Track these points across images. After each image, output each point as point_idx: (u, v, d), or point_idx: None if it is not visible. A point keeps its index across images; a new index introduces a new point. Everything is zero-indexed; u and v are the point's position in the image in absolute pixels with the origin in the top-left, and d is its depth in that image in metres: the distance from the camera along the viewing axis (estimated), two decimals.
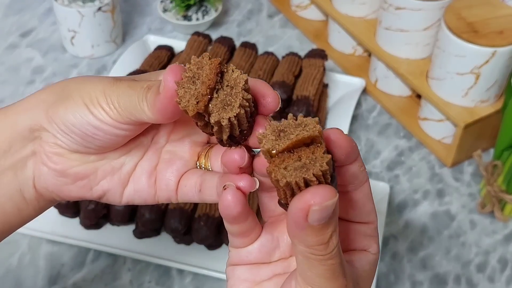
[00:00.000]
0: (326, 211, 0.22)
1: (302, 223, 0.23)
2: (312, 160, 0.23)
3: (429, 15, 0.66)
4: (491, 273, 0.58)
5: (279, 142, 0.24)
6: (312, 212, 0.22)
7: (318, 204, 0.22)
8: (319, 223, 0.23)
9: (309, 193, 0.22)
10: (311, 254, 0.24)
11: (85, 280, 0.55)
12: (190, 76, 0.26)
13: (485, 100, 0.64)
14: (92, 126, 0.29)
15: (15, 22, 0.83)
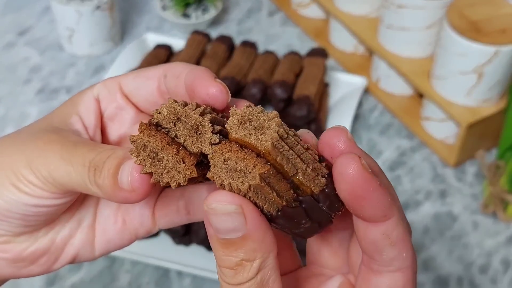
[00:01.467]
0: (220, 219, 0.19)
1: (207, 226, 0.20)
2: (245, 173, 0.20)
3: (432, 13, 0.65)
4: (494, 274, 0.57)
5: (237, 129, 0.20)
6: (206, 214, 0.20)
7: (206, 204, 0.19)
8: (220, 234, 0.20)
9: (211, 195, 0.20)
10: (219, 277, 0.21)
11: (83, 281, 0.55)
12: (146, 153, 0.21)
13: (488, 99, 0.63)
14: (31, 206, 0.24)
15: (12, 20, 0.82)
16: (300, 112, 0.63)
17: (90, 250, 0.28)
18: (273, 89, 0.64)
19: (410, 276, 0.19)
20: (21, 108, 0.71)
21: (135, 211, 0.27)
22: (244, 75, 0.68)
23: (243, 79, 0.68)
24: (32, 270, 0.27)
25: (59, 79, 0.75)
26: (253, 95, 0.65)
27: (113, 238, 0.28)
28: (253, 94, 0.65)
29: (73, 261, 0.28)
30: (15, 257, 0.26)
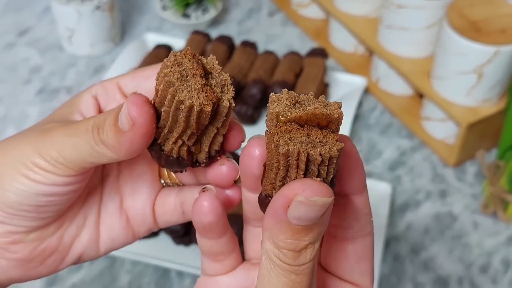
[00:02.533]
0: (311, 210, 0.19)
1: (280, 213, 0.19)
2: (322, 142, 0.20)
3: (432, 13, 0.65)
4: (494, 274, 0.57)
5: (292, 109, 0.21)
6: (295, 203, 0.19)
7: (304, 196, 0.19)
8: (298, 222, 0.19)
9: (299, 182, 0.19)
10: (277, 258, 0.20)
11: (84, 282, 0.55)
12: (178, 74, 0.22)
13: (488, 99, 0.63)
14: (43, 195, 0.24)
15: (13, 21, 0.82)
16: None
17: (96, 248, 0.28)
18: (273, 89, 0.64)
19: (373, 237, 0.23)
20: (22, 108, 0.71)
21: (137, 207, 0.27)
22: (244, 75, 0.68)
23: (243, 79, 0.68)
24: (40, 271, 0.27)
25: (59, 79, 0.75)
26: (253, 95, 0.65)
27: (117, 235, 0.28)
28: (253, 94, 0.65)
29: (78, 260, 0.28)
30: (25, 257, 0.26)
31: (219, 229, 0.24)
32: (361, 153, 0.67)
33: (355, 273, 0.23)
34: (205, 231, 0.24)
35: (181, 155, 0.24)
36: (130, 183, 0.28)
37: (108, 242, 0.28)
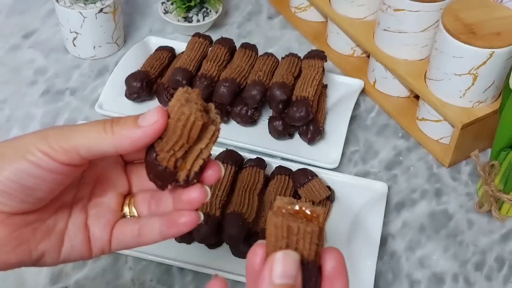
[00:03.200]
0: (288, 264, 0.24)
1: (267, 278, 0.24)
2: (309, 220, 0.26)
3: (427, 16, 0.66)
4: (489, 272, 0.59)
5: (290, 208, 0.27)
6: (276, 261, 0.24)
7: (282, 252, 0.24)
8: (281, 281, 0.24)
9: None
10: None
11: (87, 278, 0.56)
12: (185, 99, 0.28)
13: (483, 100, 0.65)
14: (33, 177, 0.29)
15: (17, 23, 0.84)
16: (299, 113, 0.65)
17: (57, 255, 0.32)
18: (273, 91, 0.66)
19: None
20: (26, 109, 0.72)
21: (99, 226, 0.32)
22: (244, 77, 0.69)
23: (243, 81, 0.69)
24: (9, 258, 0.31)
25: (63, 81, 0.76)
26: (253, 96, 0.66)
27: (77, 247, 0.32)
28: (253, 95, 0.66)
29: (40, 258, 0.32)
30: (1, 238, 0.30)
31: None
32: (358, 153, 0.69)
33: None
34: None
35: (169, 166, 0.28)
36: (97, 208, 0.33)
37: (68, 251, 0.32)
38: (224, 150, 0.63)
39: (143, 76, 0.70)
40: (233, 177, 0.60)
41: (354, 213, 0.61)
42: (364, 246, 0.57)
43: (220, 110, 0.69)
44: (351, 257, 0.57)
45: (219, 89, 0.67)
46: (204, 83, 0.68)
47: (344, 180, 0.63)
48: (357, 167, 0.67)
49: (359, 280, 0.55)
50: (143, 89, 0.70)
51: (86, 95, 0.74)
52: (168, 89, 0.70)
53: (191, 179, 0.29)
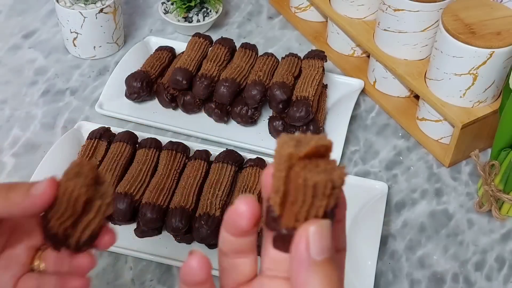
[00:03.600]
0: (324, 237, 0.22)
1: (305, 256, 0.22)
2: (330, 169, 0.23)
3: (427, 16, 0.66)
4: (489, 271, 0.59)
5: (300, 148, 0.24)
6: (312, 237, 0.22)
7: (314, 225, 0.22)
8: (320, 255, 0.22)
9: (305, 223, 0.23)
10: None
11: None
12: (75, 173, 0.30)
13: (483, 100, 0.65)
14: None
15: (18, 23, 0.84)
16: (299, 113, 0.65)
17: None
18: (273, 91, 0.66)
19: (345, 252, 0.27)
20: (27, 109, 0.72)
21: (4, 278, 0.33)
22: (244, 77, 0.69)
23: (243, 81, 0.69)
24: None
25: (64, 81, 0.76)
26: (253, 96, 0.67)
27: None
28: (253, 95, 0.67)
29: None
30: None
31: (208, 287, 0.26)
32: (358, 153, 0.69)
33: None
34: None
35: (58, 233, 0.30)
36: (6, 259, 0.34)
37: None
38: (224, 150, 0.63)
39: (143, 76, 0.70)
40: (233, 177, 0.60)
41: (354, 213, 0.61)
42: (364, 246, 0.57)
43: (220, 110, 0.69)
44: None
45: (219, 89, 0.67)
46: (204, 83, 0.68)
47: None
48: (357, 167, 0.67)
49: (359, 280, 0.55)
50: (143, 89, 0.70)
51: (86, 95, 0.74)
52: (168, 89, 0.70)
53: (80, 246, 0.31)
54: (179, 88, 0.69)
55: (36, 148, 0.68)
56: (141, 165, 0.60)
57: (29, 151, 0.67)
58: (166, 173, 0.60)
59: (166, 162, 0.61)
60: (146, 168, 0.60)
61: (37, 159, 0.65)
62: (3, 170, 0.65)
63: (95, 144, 0.63)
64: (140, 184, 0.59)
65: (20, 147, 0.68)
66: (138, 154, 0.62)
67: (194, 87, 0.68)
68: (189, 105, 0.70)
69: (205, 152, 0.63)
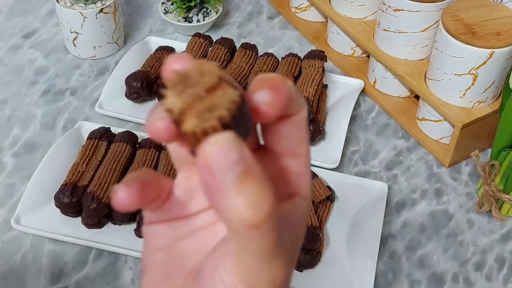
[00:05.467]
0: (227, 154, 0.18)
1: (211, 180, 0.18)
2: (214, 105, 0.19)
3: (427, 16, 0.66)
4: (489, 272, 0.59)
5: (181, 100, 0.19)
6: (211, 156, 0.17)
7: (213, 145, 0.17)
8: (229, 174, 0.17)
9: (205, 143, 0.18)
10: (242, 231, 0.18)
11: (87, 278, 0.56)
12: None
13: (483, 100, 0.65)
14: None
15: (18, 23, 0.84)
16: None
17: None
18: None
19: (306, 108, 0.22)
20: (27, 109, 0.72)
21: None
22: (244, 77, 0.69)
23: (243, 81, 0.69)
24: None
25: (64, 81, 0.76)
26: None
27: None
28: None
29: None
30: None
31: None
32: (358, 153, 0.69)
33: (291, 143, 0.22)
34: None
35: None
36: None
37: None
38: None
39: (143, 76, 0.70)
40: None
41: (354, 213, 0.61)
42: (364, 246, 0.57)
43: None
44: (351, 257, 0.57)
45: None
46: None
47: (344, 180, 0.63)
48: (357, 167, 0.67)
49: (359, 280, 0.55)
50: (143, 89, 0.70)
51: (86, 95, 0.74)
52: None
53: None
54: None
55: (36, 148, 0.68)
56: (141, 165, 0.60)
57: (29, 151, 0.67)
58: (166, 173, 0.60)
59: (166, 162, 0.61)
60: None
61: (37, 159, 0.65)
62: (3, 170, 0.65)
63: (95, 144, 0.63)
64: None
65: (20, 147, 0.68)
66: (138, 154, 0.62)
67: None
68: None
69: None
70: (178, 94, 0.19)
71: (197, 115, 0.19)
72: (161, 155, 0.62)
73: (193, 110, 0.19)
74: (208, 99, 0.19)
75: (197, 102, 0.19)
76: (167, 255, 0.23)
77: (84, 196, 0.57)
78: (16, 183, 0.64)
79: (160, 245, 0.24)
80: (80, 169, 0.60)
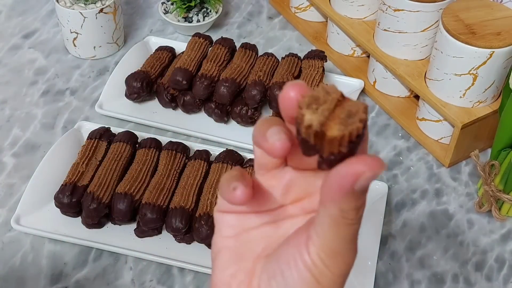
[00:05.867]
0: (373, 179, 0.23)
1: (348, 188, 0.23)
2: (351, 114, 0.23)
3: (427, 16, 0.66)
4: (489, 272, 0.59)
5: (318, 115, 0.23)
6: (363, 179, 0.22)
7: (371, 171, 0.22)
8: (363, 189, 0.23)
9: (361, 161, 0.22)
10: (343, 219, 0.24)
11: (87, 278, 0.56)
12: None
13: (483, 100, 0.65)
14: None
15: (18, 23, 0.84)
16: None
17: None
18: (273, 91, 0.66)
19: None
20: (27, 109, 0.72)
21: None
22: (244, 77, 0.69)
23: (243, 81, 0.69)
24: None
25: (64, 81, 0.76)
26: (253, 96, 0.67)
27: None
28: (253, 96, 0.67)
29: None
30: None
31: None
32: None
33: None
34: None
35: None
36: None
37: None
38: (224, 150, 0.63)
39: (143, 76, 0.70)
40: None
41: None
42: (364, 246, 0.57)
43: (220, 110, 0.69)
44: None
45: (219, 89, 0.67)
46: (204, 83, 0.68)
47: None
48: None
49: (359, 280, 0.55)
50: (143, 89, 0.70)
51: (86, 95, 0.74)
52: (168, 89, 0.70)
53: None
54: (179, 88, 0.69)
55: (36, 148, 0.68)
56: (141, 165, 0.60)
57: (29, 151, 0.67)
58: (166, 173, 0.60)
59: (166, 162, 0.61)
60: (146, 168, 0.60)
61: (37, 159, 0.65)
62: (3, 170, 0.65)
63: (95, 144, 0.63)
64: (140, 184, 0.59)
65: (20, 147, 0.68)
66: (138, 154, 0.62)
67: (194, 87, 0.68)
68: (189, 105, 0.70)
69: (205, 152, 0.63)
70: (313, 112, 0.23)
71: (341, 122, 0.23)
72: (161, 155, 0.62)
73: (334, 119, 0.23)
74: (341, 110, 0.23)
75: (333, 114, 0.23)
76: (237, 241, 0.27)
77: (84, 196, 0.57)
78: (16, 183, 0.64)
79: (231, 233, 0.28)
80: (80, 169, 0.60)
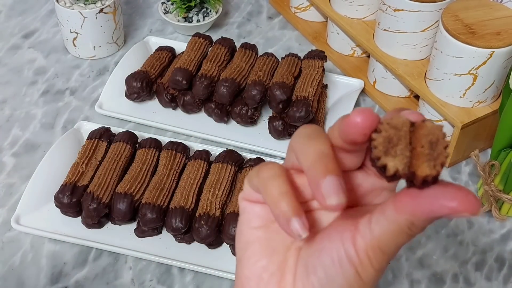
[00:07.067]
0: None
1: (437, 215, 0.23)
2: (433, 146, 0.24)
3: (427, 16, 0.66)
4: (489, 272, 0.59)
5: (400, 160, 0.24)
6: (456, 216, 0.23)
7: (469, 215, 0.23)
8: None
9: (465, 202, 0.22)
10: (408, 230, 0.25)
11: (87, 278, 0.56)
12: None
13: (483, 100, 0.65)
14: None
15: (18, 23, 0.84)
16: (299, 113, 0.65)
17: None
18: (273, 91, 0.66)
19: None
20: (27, 109, 0.72)
21: None
22: (244, 77, 0.69)
23: (243, 81, 0.69)
24: None
25: (63, 81, 0.76)
26: (253, 96, 0.67)
27: None
28: (253, 96, 0.67)
29: None
30: None
31: None
32: None
33: None
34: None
35: None
36: None
37: None
38: (224, 150, 0.63)
39: (143, 76, 0.70)
40: (233, 177, 0.60)
41: None
42: None
43: (220, 110, 0.69)
44: None
45: (219, 89, 0.67)
46: (204, 83, 0.68)
47: None
48: None
49: None
50: (143, 89, 0.70)
51: (86, 95, 0.74)
52: (168, 89, 0.70)
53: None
54: (179, 88, 0.69)
55: (36, 148, 0.68)
56: (141, 165, 0.60)
57: (29, 151, 0.67)
58: (166, 173, 0.60)
59: (166, 162, 0.61)
60: (146, 168, 0.60)
61: (37, 159, 0.65)
62: (3, 170, 0.65)
63: (95, 144, 0.63)
64: (140, 184, 0.59)
65: (20, 147, 0.68)
66: (138, 154, 0.62)
67: (194, 87, 0.68)
68: (189, 105, 0.70)
69: (205, 152, 0.63)
70: (393, 157, 0.24)
71: (428, 158, 0.24)
72: (161, 155, 0.62)
73: (419, 157, 0.24)
74: (418, 141, 0.24)
75: (415, 151, 0.24)
76: (267, 232, 0.27)
77: (84, 196, 0.57)
78: (16, 183, 0.64)
79: (260, 223, 0.28)
80: (80, 169, 0.60)
